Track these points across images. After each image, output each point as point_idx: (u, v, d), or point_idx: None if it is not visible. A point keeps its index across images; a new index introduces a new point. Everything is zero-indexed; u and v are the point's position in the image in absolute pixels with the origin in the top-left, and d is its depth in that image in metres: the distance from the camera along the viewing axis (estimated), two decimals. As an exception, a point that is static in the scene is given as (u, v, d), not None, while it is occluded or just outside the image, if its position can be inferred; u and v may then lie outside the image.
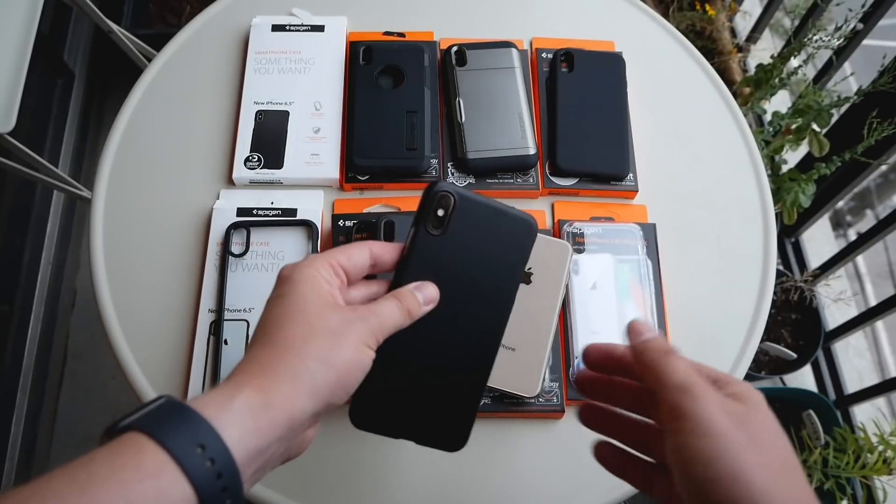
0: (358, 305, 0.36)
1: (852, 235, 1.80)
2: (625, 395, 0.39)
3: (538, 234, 0.42)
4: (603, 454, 0.39)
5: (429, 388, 0.40)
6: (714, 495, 0.29)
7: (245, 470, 0.29)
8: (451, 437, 0.41)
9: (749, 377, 1.24)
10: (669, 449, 0.32)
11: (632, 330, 0.37)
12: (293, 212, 0.60)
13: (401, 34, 0.69)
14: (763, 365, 1.25)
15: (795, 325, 1.29)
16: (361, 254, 0.38)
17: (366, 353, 0.34)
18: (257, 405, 0.30)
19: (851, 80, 1.28)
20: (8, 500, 0.25)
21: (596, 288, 0.58)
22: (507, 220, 0.41)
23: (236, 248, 0.58)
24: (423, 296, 0.38)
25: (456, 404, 0.40)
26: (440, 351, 0.40)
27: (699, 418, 0.31)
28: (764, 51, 1.46)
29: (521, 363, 0.53)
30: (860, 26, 1.03)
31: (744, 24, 1.63)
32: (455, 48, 0.66)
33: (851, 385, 1.35)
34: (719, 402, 0.31)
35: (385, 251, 0.39)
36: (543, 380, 0.53)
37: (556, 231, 0.61)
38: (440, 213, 0.40)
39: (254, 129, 0.64)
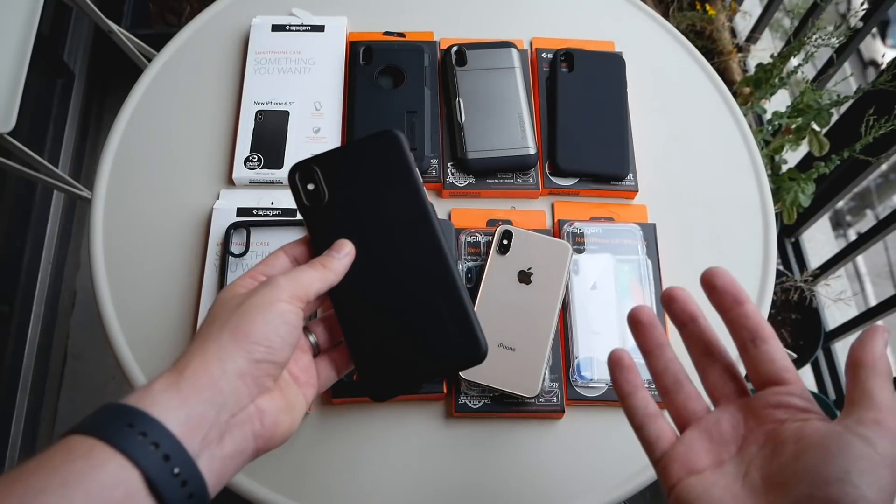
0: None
1: (852, 235, 1.80)
2: (696, 341, 0.37)
3: (537, 234, 0.42)
4: (677, 306, 0.37)
5: (414, 326, 0.40)
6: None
7: (189, 441, 0.30)
8: (467, 351, 0.40)
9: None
10: (834, 435, 0.30)
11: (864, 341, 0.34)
12: (293, 212, 0.60)
13: (401, 34, 0.69)
14: (763, 365, 1.25)
15: (795, 325, 1.29)
16: (277, 258, 0.40)
17: (280, 306, 0.35)
18: (172, 381, 0.32)
19: (851, 79, 1.28)
20: None
21: (596, 288, 0.58)
22: (369, 149, 0.41)
23: (236, 248, 0.58)
24: (335, 251, 0.40)
25: (449, 322, 0.40)
26: (403, 291, 0.40)
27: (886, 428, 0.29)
28: (764, 51, 1.46)
29: (520, 363, 0.53)
30: (860, 25, 1.03)
31: (744, 24, 1.63)
32: (455, 48, 0.66)
33: (851, 385, 1.35)
34: None
35: (296, 246, 0.41)
36: (543, 380, 0.53)
37: (556, 231, 0.61)
38: (311, 186, 0.41)
39: (254, 129, 0.64)
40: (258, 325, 0.34)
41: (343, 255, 0.40)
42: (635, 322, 0.38)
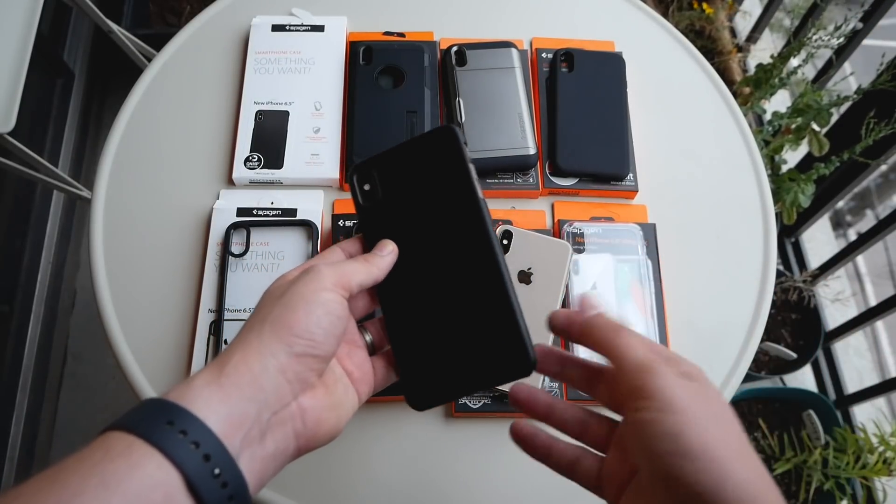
0: None
1: (852, 235, 1.80)
2: (575, 373, 0.38)
3: (537, 234, 0.42)
4: (523, 434, 0.38)
5: (461, 334, 0.38)
6: (680, 470, 0.29)
7: (230, 440, 0.29)
8: (514, 364, 0.38)
9: (749, 377, 1.24)
10: (632, 426, 0.32)
11: (584, 303, 0.37)
12: (293, 212, 0.60)
13: (401, 34, 0.69)
14: (763, 365, 1.25)
15: (795, 325, 1.29)
16: (333, 252, 0.40)
17: (322, 294, 0.34)
18: (213, 376, 0.31)
19: (851, 79, 1.28)
20: None
21: (596, 288, 0.58)
22: (424, 147, 0.40)
23: (236, 248, 0.58)
24: (378, 250, 0.39)
25: (497, 332, 0.38)
26: (452, 296, 0.39)
27: (664, 395, 0.31)
28: (764, 51, 1.46)
29: (521, 363, 0.53)
30: (860, 26, 1.03)
31: (744, 24, 1.64)
32: (455, 48, 0.66)
33: (851, 385, 1.36)
34: (678, 379, 0.32)
35: (352, 243, 0.41)
36: (544, 379, 0.53)
37: (556, 231, 0.61)
38: (367, 187, 0.41)
39: (254, 129, 0.64)
40: (300, 316, 0.33)
41: (386, 253, 0.39)
42: (518, 437, 0.38)
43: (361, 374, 0.39)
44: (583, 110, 0.65)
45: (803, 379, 1.38)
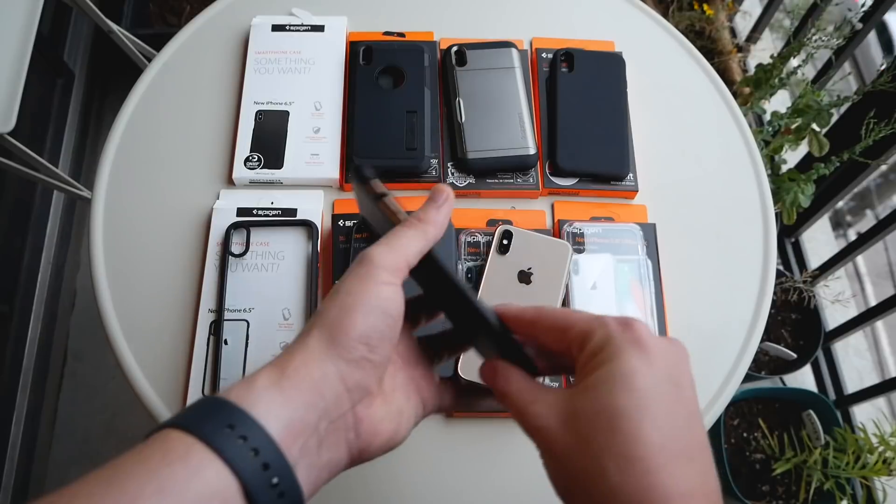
0: None
1: (852, 235, 1.80)
2: (549, 335, 0.34)
3: (537, 234, 0.42)
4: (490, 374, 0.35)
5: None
6: (604, 469, 0.27)
7: (289, 448, 0.28)
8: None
9: (749, 377, 1.24)
10: (587, 375, 0.30)
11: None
12: (293, 212, 0.60)
13: (401, 34, 0.69)
14: (763, 365, 1.25)
15: (795, 325, 1.29)
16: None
17: (378, 291, 0.32)
18: (275, 378, 0.29)
19: (851, 79, 1.28)
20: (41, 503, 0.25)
21: (596, 288, 0.58)
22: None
23: (236, 248, 0.58)
24: (432, 200, 0.36)
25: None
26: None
27: (621, 369, 0.29)
28: (764, 51, 1.46)
29: (521, 363, 0.53)
30: (860, 26, 1.03)
31: (744, 24, 1.64)
32: (455, 48, 0.66)
33: (851, 385, 1.36)
34: (636, 350, 0.30)
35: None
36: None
37: (556, 231, 0.61)
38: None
39: (254, 129, 0.64)
40: (356, 320, 0.31)
41: (441, 201, 0.36)
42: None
43: (427, 383, 0.37)
44: (583, 110, 0.65)
45: (803, 379, 1.38)
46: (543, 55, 0.68)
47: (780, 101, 1.63)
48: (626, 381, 0.28)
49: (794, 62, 1.01)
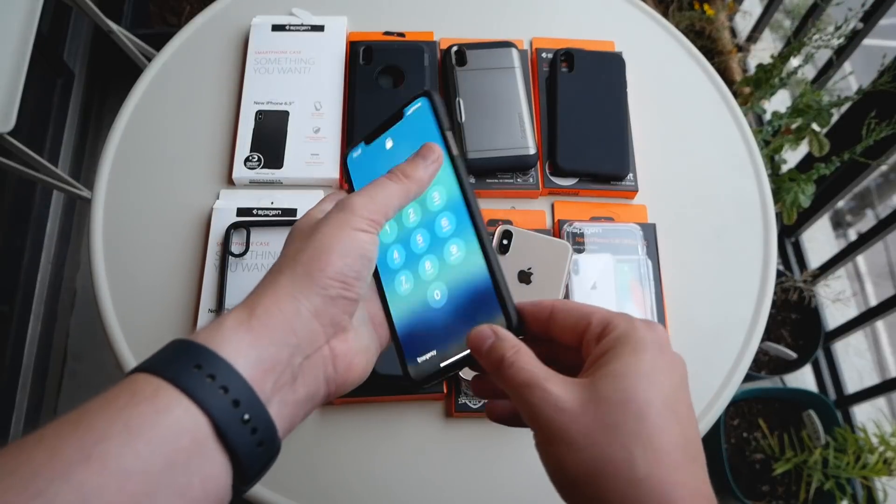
0: None
1: (852, 235, 1.80)
2: (568, 327, 0.34)
3: (537, 234, 0.42)
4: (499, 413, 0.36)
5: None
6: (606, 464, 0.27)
7: (260, 385, 0.28)
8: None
9: (749, 377, 1.24)
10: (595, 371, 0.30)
11: (472, 341, 0.33)
12: (293, 212, 0.60)
13: (401, 34, 0.69)
14: (763, 365, 1.25)
15: (795, 325, 1.29)
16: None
17: (356, 236, 0.32)
18: (244, 318, 0.30)
19: (851, 79, 1.28)
20: (10, 449, 0.25)
21: (596, 288, 0.58)
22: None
23: (236, 248, 0.58)
24: (421, 156, 0.35)
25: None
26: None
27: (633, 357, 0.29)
28: (764, 51, 1.46)
29: (521, 363, 0.53)
30: (860, 26, 1.03)
31: (744, 24, 1.64)
32: (455, 48, 0.66)
33: (851, 385, 1.36)
34: (650, 340, 0.30)
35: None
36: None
37: (556, 231, 0.61)
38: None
39: (254, 129, 0.64)
40: (333, 259, 0.31)
41: (430, 160, 0.35)
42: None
43: (381, 319, 0.37)
44: (583, 110, 0.65)
45: (803, 379, 1.38)
46: (543, 55, 0.68)
47: (780, 101, 1.63)
48: (653, 376, 0.29)
49: (794, 62, 1.01)
